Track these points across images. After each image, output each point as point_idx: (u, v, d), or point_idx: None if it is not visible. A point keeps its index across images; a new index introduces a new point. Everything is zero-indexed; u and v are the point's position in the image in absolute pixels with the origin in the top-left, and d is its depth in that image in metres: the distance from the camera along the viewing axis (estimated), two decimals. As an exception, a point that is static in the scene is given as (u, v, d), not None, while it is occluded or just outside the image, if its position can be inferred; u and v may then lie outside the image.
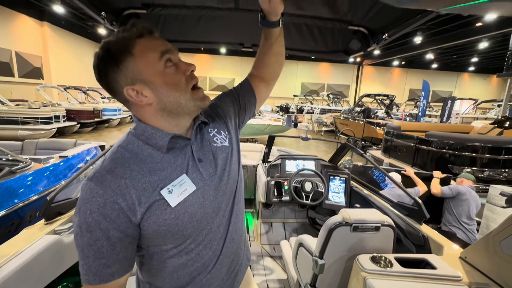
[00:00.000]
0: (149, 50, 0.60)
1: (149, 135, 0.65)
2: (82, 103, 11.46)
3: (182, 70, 0.64)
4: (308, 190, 2.17)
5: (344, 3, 1.25)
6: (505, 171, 3.84)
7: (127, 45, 0.59)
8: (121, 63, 0.59)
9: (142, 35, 0.61)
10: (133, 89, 0.60)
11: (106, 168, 0.61)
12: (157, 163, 0.64)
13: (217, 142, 0.76)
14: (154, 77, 0.61)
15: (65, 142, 3.70)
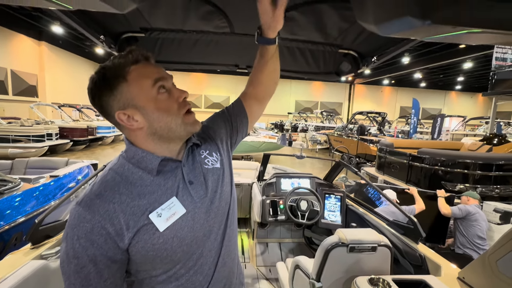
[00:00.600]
0: (143, 77, 0.62)
1: (139, 158, 0.65)
2: (76, 120, 11.41)
3: (175, 97, 0.66)
4: (303, 209, 2.15)
5: (334, 29, 1.32)
6: (497, 188, 3.89)
7: (122, 71, 0.61)
8: (114, 89, 0.61)
9: (137, 61, 0.63)
10: (125, 113, 0.62)
11: (95, 192, 0.61)
12: (147, 186, 0.64)
13: (209, 164, 0.76)
14: (146, 102, 0.62)
15: (56, 161, 3.64)
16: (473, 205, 2.87)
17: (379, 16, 0.60)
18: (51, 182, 2.80)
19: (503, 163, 3.88)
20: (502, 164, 3.88)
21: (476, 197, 2.98)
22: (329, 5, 1.10)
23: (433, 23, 0.46)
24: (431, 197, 3.14)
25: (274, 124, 20.31)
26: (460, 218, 2.81)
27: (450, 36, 0.56)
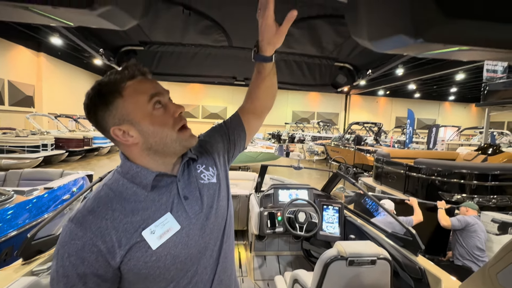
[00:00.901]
0: (139, 92, 0.62)
1: (134, 173, 0.64)
2: (72, 131, 11.35)
3: (170, 112, 0.66)
4: (301, 221, 2.13)
5: (329, 43, 1.35)
6: (494, 198, 3.90)
7: (118, 87, 0.61)
8: (110, 104, 0.61)
9: (133, 77, 0.63)
10: (120, 129, 0.62)
11: (88, 208, 0.60)
12: (141, 202, 0.63)
13: (204, 179, 0.75)
14: (142, 118, 0.62)
15: (51, 172, 3.59)
16: (472, 216, 2.86)
17: (372, 34, 0.62)
18: (45, 194, 2.75)
19: (499, 173, 3.91)
20: (498, 174, 3.91)
21: (475, 208, 2.97)
22: (324, 20, 1.13)
23: (425, 41, 0.47)
24: (431, 208, 3.13)
25: (271, 134, 20.38)
26: (459, 229, 2.80)
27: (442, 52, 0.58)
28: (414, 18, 0.45)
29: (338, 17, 1.09)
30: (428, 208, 3.11)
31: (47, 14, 0.46)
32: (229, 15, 1.13)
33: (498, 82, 7.50)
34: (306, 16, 1.12)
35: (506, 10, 0.46)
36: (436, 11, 0.45)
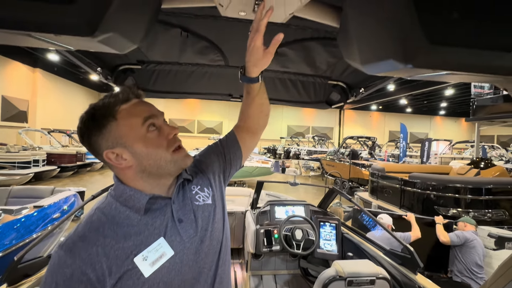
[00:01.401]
0: (132, 116, 0.63)
1: (127, 197, 0.63)
2: (65, 146, 11.19)
3: (164, 134, 0.65)
4: (299, 238, 2.09)
5: (322, 62, 1.40)
6: (489, 212, 3.92)
7: (112, 110, 0.61)
8: (104, 128, 0.61)
9: (128, 100, 0.64)
10: (113, 152, 0.61)
11: (79, 233, 0.59)
12: (134, 227, 0.61)
13: (199, 200, 0.73)
14: (135, 141, 0.62)
15: (41, 190, 3.48)
16: (470, 231, 2.84)
17: (363, 57, 0.64)
18: (34, 213, 2.67)
19: (492, 187, 3.96)
20: (491, 188, 3.95)
21: (472, 223, 2.95)
22: (317, 42, 1.17)
23: (414, 66, 0.49)
24: (429, 223, 3.11)
25: (267, 148, 20.42)
26: (458, 245, 2.77)
27: (431, 76, 0.60)
28: (403, 45, 0.48)
29: (331, 39, 1.14)
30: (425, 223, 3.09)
31: (49, 40, 0.47)
32: (226, 37, 1.17)
33: (486, 97, 7.75)
34: (300, 38, 1.16)
35: (484, 38, 0.48)
36: (423, 39, 0.47)
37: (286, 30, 1.09)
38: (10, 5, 0.38)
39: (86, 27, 0.41)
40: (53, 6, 0.39)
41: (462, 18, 0.48)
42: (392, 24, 0.48)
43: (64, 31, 0.42)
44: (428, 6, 0.47)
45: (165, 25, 1.06)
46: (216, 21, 1.02)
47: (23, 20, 0.40)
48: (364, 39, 0.61)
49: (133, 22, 0.53)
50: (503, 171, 5.28)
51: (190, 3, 0.72)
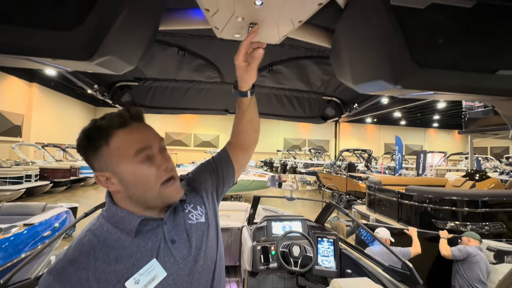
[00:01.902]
0: (125, 145, 0.61)
1: (119, 218, 0.63)
2: (59, 160, 11.03)
3: (155, 165, 0.63)
4: (296, 255, 2.05)
5: (316, 79, 1.43)
6: (487, 225, 3.91)
7: (106, 134, 0.61)
8: (97, 150, 0.61)
9: (124, 125, 0.62)
10: (103, 175, 0.62)
11: (69, 257, 0.57)
12: (125, 249, 0.60)
13: (193, 218, 0.73)
14: (124, 170, 0.62)
15: (32, 207, 3.39)
16: (473, 246, 2.77)
17: (355, 77, 0.66)
18: (24, 231, 2.58)
19: (488, 200, 3.97)
20: (487, 200, 3.96)
21: (477, 238, 2.88)
22: (311, 60, 1.21)
23: (403, 87, 0.51)
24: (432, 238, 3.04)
25: (263, 161, 20.37)
26: (461, 260, 2.71)
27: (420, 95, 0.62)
28: (393, 68, 0.50)
29: (324, 57, 1.17)
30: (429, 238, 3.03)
31: (46, 63, 0.48)
32: (222, 55, 1.19)
33: (477, 110, 7.94)
34: (295, 56, 1.19)
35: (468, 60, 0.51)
36: (411, 62, 0.49)
37: (281, 49, 1.13)
38: (11, 31, 0.39)
39: (84, 52, 0.42)
40: (51, 32, 0.40)
41: (447, 43, 0.50)
42: (381, 47, 0.50)
43: (61, 56, 0.43)
44: (414, 32, 0.50)
45: (162, 44, 1.08)
46: (212, 40, 1.04)
47: (22, 45, 0.40)
48: (355, 60, 0.63)
49: (131, 45, 0.55)
50: (498, 183, 5.32)
51: (186, 26, 0.74)
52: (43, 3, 0.41)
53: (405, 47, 0.48)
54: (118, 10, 0.43)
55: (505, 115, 0.76)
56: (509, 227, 3.90)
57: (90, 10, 0.41)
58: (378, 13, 0.48)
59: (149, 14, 0.55)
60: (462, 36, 0.50)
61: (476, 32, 0.51)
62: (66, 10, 0.41)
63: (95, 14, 0.41)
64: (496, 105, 0.78)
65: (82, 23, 0.41)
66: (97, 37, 0.42)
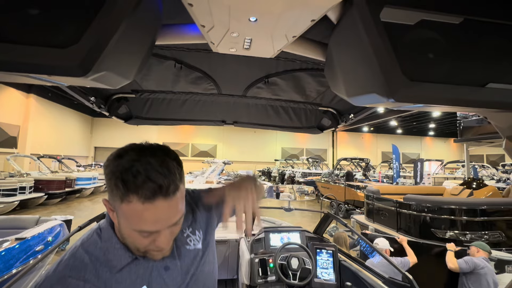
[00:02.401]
0: (133, 217, 0.54)
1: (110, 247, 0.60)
2: (54, 172, 10.90)
3: (153, 240, 0.58)
4: (295, 267, 2.01)
5: (312, 91, 1.45)
6: (486, 234, 3.89)
7: (125, 192, 0.52)
8: (111, 191, 0.55)
9: (149, 198, 0.52)
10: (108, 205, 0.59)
11: (58, 274, 0.55)
12: (117, 273, 0.58)
13: (190, 244, 0.70)
14: (122, 226, 0.58)
15: (25, 220, 3.31)
16: (481, 257, 2.66)
17: (349, 90, 0.67)
18: (16, 245, 2.52)
19: (486, 208, 3.96)
20: (486, 209, 3.96)
21: (486, 249, 2.75)
22: (306, 72, 1.23)
23: (396, 101, 0.52)
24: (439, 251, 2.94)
25: (261, 171, 20.29)
26: (468, 272, 2.61)
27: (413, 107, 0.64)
28: (385, 82, 0.51)
29: (319, 70, 1.19)
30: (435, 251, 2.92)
31: (42, 79, 0.48)
32: (219, 68, 1.21)
33: (471, 119, 8.05)
34: (290, 69, 1.21)
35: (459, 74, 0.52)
36: (403, 76, 0.50)
37: (276, 62, 1.15)
38: (7, 48, 0.39)
39: (79, 69, 0.42)
40: (47, 49, 0.41)
41: (437, 57, 0.52)
42: (373, 62, 0.51)
43: (57, 73, 0.43)
44: (405, 47, 0.51)
45: (159, 58, 1.10)
46: (209, 54, 1.06)
47: (18, 63, 0.41)
48: (348, 74, 0.64)
49: (127, 60, 0.55)
50: (495, 191, 5.34)
51: (183, 40, 0.75)
52: (40, 21, 0.42)
53: (396, 61, 0.49)
54: (115, 28, 0.44)
55: (498, 126, 0.78)
56: (508, 236, 3.88)
57: (87, 27, 0.42)
58: (369, 29, 0.49)
59: (145, 31, 0.56)
60: (451, 51, 0.51)
61: (464, 46, 0.52)
62: (63, 28, 0.42)
63: (92, 32, 0.42)
64: (488, 117, 0.79)
65: (78, 40, 0.41)
66: (93, 55, 0.42)
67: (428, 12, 0.50)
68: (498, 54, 0.53)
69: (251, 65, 1.16)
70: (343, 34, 0.59)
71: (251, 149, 23.05)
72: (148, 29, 0.57)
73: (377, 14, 0.49)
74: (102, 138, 20.33)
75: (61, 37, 0.41)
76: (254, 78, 1.30)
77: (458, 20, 0.51)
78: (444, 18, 0.51)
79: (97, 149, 20.75)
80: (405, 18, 0.50)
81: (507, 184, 9.37)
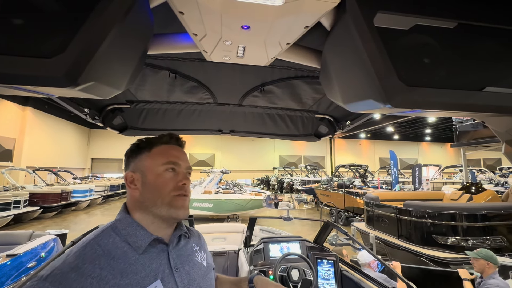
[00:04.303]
0: (161, 154, 0.72)
1: (131, 231, 0.64)
2: (50, 185, 10.74)
3: (177, 179, 0.71)
4: (295, 279, 1.95)
5: (308, 98, 1.44)
6: (488, 239, 3.85)
7: (151, 145, 0.73)
8: (139, 155, 0.73)
9: (168, 143, 0.75)
10: (132, 176, 0.70)
11: (70, 264, 0.54)
12: (131, 265, 0.59)
13: (198, 258, 0.77)
14: (150, 172, 0.70)
15: (18, 235, 3.22)
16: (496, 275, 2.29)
17: (345, 97, 0.66)
18: (8, 262, 2.43)
19: (487, 213, 3.94)
20: (486, 213, 3.94)
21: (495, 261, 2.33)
22: (301, 80, 1.22)
23: (393, 106, 0.51)
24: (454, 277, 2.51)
25: (260, 180, 20.18)
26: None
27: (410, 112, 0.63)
28: (381, 88, 0.50)
29: (314, 77, 1.19)
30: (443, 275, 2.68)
31: (26, 89, 0.47)
32: (214, 77, 1.21)
33: (467, 124, 8.12)
34: (285, 77, 1.21)
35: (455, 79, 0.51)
36: (399, 82, 0.49)
37: (271, 70, 1.14)
38: None
39: (65, 80, 0.41)
40: (31, 59, 0.39)
41: (433, 62, 0.51)
42: (368, 68, 0.50)
43: (41, 84, 0.41)
44: (400, 52, 0.50)
45: (153, 68, 1.09)
46: (203, 63, 1.05)
47: (1, 73, 0.39)
48: (343, 81, 0.63)
49: (117, 70, 0.54)
50: (494, 195, 5.32)
51: (176, 50, 0.74)
52: (24, 30, 0.41)
53: (392, 67, 0.48)
54: (102, 38, 0.42)
55: (496, 131, 0.76)
56: (510, 241, 3.85)
57: (73, 37, 0.41)
58: (363, 35, 0.48)
59: (135, 40, 0.55)
60: (447, 55, 0.51)
61: (460, 51, 0.52)
62: (48, 38, 0.41)
63: (78, 41, 0.41)
64: (486, 121, 0.78)
65: (64, 50, 0.40)
66: (79, 64, 0.41)
67: (422, 17, 0.50)
68: (494, 58, 0.52)
69: (246, 74, 1.16)
70: (337, 41, 0.58)
71: (249, 158, 23.00)
72: (139, 38, 0.56)
73: (370, 19, 0.48)
74: (99, 149, 20.21)
75: (46, 47, 0.40)
76: (249, 87, 1.30)
77: (453, 25, 0.51)
78: (438, 23, 0.51)
79: (94, 160, 20.59)
80: (399, 23, 0.50)
81: (506, 188, 9.38)
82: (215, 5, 0.49)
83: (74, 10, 0.41)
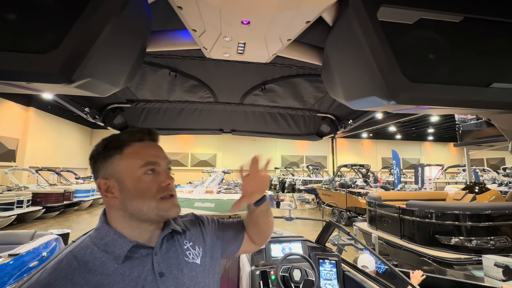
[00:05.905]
0: (137, 155, 0.65)
1: (109, 241, 0.60)
2: (53, 185, 10.80)
3: (159, 180, 0.65)
4: (297, 279, 1.94)
5: (310, 97, 1.43)
6: (492, 239, 3.81)
7: (122, 145, 0.65)
8: (109, 158, 0.64)
9: (141, 140, 0.67)
10: (106, 183, 0.63)
11: (42, 281, 0.52)
12: (108, 276, 0.56)
13: (189, 256, 0.69)
14: (128, 178, 0.63)
15: (20, 235, 3.23)
16: None
17: (347, 94, 0.65)
18: (10, 261, 2.44)
19: (491, 213, 3.90)
20: (489, 213, 3.89)
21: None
22: (303, 78, 1.21)
23: (397, 103, 0.50)
24: None
25: (261, 179, 20.12)
26: None
27: (415, 110, 0.61)
28: (385, 84, 0.48)
29: (316, 75, 1.17)
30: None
31: (21, 86, 0.46)
32: (214, 75, 1.19)
33: (470, 123, 8.06)
34: (287, 75, 1.19)
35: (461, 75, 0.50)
36: (404, 78, 0.48)
37: (272, 68, 1.13)
38: None
39: (60, 76, 0.40)
40: (25, 55, 0.38)
41: (438, 57, 0.49)
42: (371, 63, 0.49)
43: (36, 80, 0.40)
44: (405, 47, 0.49)
45: (153, 66, 1.08)
46: (203, 61, 1.04)
47: None
48: (346, 77, 0.62)
49: (114, 67, 0.53)
50: (498, 195, 5.27)
51: (176, 47, 0.73)
52: (17, 25, 0.40)
53: (396, 62, 0.47)
54: (98, 33, 0.41)
55: (502, 129, 0.74)
56: (515, 241, 3.80)
57: (67, 32, 0.40)
58: (366, 29, 0.47)
59: (133, 36, 0.54)
60: (453, 50, 0.49)
61: (466, 45, 0.50)
62: (42, 33, 0.40)
63: (73, 36, 0.40)
64: (492, 119, 0.76)
65: (58, 45, 0.39)
66: (74, 60, 0.40)
67: (426, 11, 0.48)
68: (501, 53, 0.51)
69: (247, 72, 1.15)
70: (339, 36, 0.57)
71: (251, 158, 22.91)
72: (136, 34, 0.55)
73: (374, 13, 0.47)
74: (102, 149, 20.23)
75: (40, 42, 0.39)
76: (250, 85, 1.29)
77: (459, 19, 0.49)
78: (443, 16, 0.49)
79: (96, 160, 20.62)
80: (403, 17, 0.49)
81: (510, 188, 9.29)
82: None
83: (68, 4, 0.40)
